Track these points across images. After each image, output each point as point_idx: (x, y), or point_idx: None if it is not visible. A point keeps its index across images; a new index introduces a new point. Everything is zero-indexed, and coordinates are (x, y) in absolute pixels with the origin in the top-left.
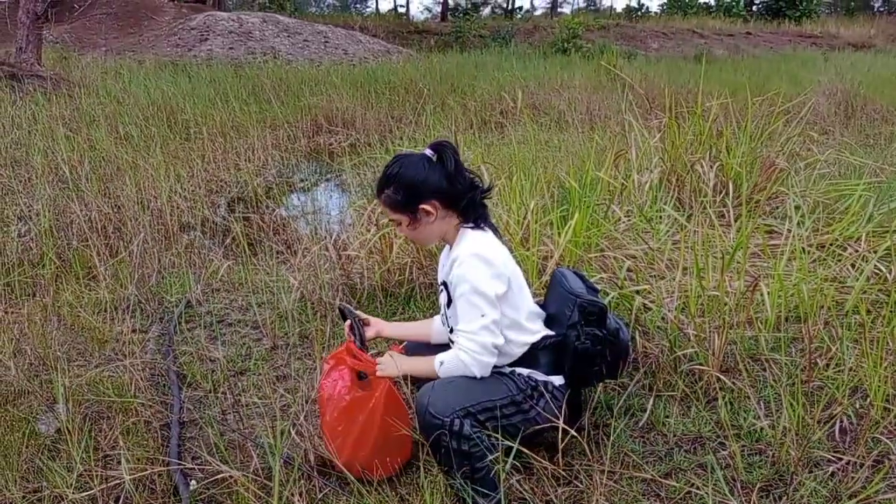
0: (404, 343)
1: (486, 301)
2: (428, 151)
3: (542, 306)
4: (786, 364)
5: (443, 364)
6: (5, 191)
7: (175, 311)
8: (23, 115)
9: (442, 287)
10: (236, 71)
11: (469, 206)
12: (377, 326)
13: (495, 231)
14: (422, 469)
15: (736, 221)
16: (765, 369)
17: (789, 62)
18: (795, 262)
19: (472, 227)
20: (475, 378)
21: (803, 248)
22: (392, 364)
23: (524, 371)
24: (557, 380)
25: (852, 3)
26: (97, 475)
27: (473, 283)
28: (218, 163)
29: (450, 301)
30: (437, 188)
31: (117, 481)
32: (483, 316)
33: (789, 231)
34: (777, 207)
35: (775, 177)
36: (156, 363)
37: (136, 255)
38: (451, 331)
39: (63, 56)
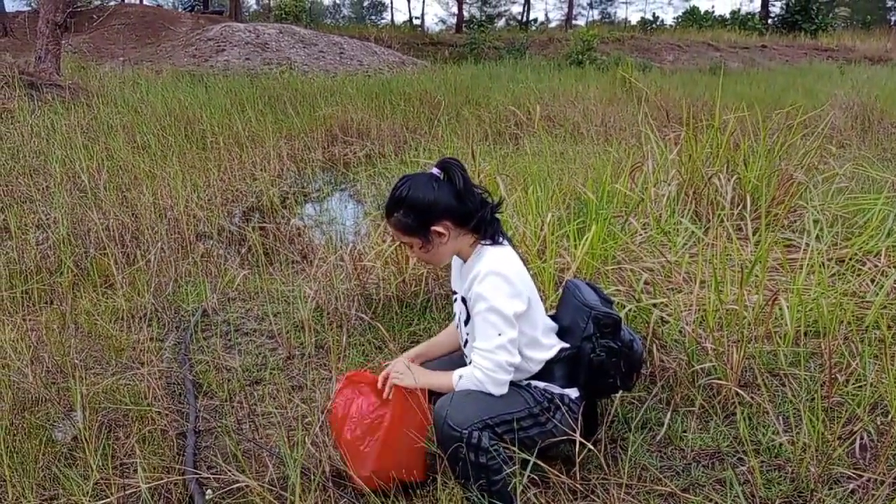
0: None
1: (504, 320)
2: (435, 170)
3: (554, 318)
4: (805, 379)
5: (461, 378)
6: (24, 199)
7: (191, 319)
8: (41, 124)
9: (458, 299)
10: (252, 81)
11: (481, 223)
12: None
13: (511, 243)
14: (438, 481)
15: (754, 235)
16: (784, 384)
17: (805, 75)
18: (814, 277)
19: (490, 244)
20: None
21: (822, 263)
22: (409, 375)
23: (540, 384)
24: (573, 392)
25: (869, 17)
26: (113, 483)
27: (491, 302)
28: (234, 172)
29: (468, 317)
30: (448, 208)
31: (133, 490)
32: (500, 335)
33: (808, 245)
34: (795, 221)
35: (793, 190)
36: (172, 372)
37: (152, 264)
38: (465, 344)
39: (81, 66)
